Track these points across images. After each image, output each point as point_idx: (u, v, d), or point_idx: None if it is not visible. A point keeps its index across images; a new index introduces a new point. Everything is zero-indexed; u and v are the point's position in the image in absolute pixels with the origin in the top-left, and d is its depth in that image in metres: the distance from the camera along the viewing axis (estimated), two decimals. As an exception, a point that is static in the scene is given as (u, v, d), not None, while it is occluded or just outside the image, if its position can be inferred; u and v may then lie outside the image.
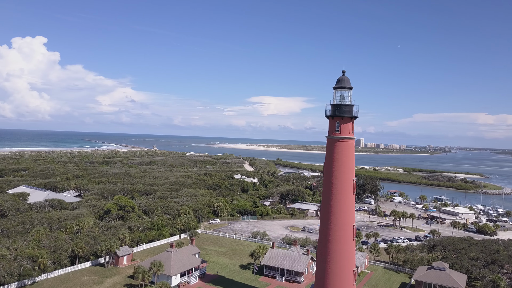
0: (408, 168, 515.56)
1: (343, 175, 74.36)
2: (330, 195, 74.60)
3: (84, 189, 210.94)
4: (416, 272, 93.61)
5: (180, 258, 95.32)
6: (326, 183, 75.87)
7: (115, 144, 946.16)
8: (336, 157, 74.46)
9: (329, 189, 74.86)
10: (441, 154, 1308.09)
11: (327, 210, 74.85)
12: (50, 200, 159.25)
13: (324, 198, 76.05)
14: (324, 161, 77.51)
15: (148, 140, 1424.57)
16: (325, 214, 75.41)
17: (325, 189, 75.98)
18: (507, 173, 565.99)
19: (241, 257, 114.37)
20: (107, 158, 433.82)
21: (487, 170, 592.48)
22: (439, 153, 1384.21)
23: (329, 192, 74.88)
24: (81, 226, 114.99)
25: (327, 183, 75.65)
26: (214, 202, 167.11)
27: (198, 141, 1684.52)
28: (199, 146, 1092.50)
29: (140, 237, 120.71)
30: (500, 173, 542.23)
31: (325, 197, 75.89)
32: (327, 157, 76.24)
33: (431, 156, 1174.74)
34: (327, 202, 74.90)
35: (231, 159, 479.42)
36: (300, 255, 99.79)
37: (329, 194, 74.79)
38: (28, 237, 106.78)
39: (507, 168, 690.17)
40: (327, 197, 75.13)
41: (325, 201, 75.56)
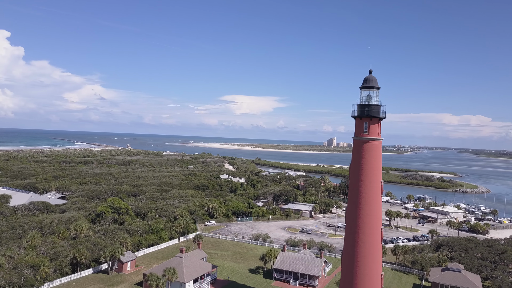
0: (385, 168, 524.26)
1: (372, 177, 72.48)
2: (358, 198, 72.58)
3: (66, 190, 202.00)
4: (431, 274, 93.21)
5: (191, 263, 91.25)
6: (354, 185, 73.75)
7: (86, 143, 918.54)
8: (364, 159, 72.44)
9: (357, 192, 72.82)
10: (411, 154, 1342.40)
11: (354, 213, 72.82)
12: (35, 202, 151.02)
13: (351, 201, 73.94)
14: (350, 163, 75.57)
15: (120, 139, 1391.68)
16: (352, 217, 73.36)
17: (352, 192, 73.87)
18: (477, 172, 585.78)
19: (247, 261, 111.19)
20: (82, 158, 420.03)
21: (459, 169, 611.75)
22: (409, 153, 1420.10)
23: (357, 194, 72.84)
24: (79, 230, 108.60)
25: (354, 186, 73.54)
26: (208, 203, 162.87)
27: (170, 140, 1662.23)
28: (172, 145, 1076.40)
29: (140, 241, 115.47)
30: (471, 172, 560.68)
31: (352, 200, 73.78)
32: (354, 159, 74.19)
33: (402, 155, 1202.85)
34: (355, 205, 72.85)
35: (210, 159, 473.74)
36: (313, 258, 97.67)
37: (357, 197, 72.77)
38: (23, 244, 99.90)
39: (476, 167, 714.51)
40: (354, 200, 73.06)
41: (352, 204, 73.48)
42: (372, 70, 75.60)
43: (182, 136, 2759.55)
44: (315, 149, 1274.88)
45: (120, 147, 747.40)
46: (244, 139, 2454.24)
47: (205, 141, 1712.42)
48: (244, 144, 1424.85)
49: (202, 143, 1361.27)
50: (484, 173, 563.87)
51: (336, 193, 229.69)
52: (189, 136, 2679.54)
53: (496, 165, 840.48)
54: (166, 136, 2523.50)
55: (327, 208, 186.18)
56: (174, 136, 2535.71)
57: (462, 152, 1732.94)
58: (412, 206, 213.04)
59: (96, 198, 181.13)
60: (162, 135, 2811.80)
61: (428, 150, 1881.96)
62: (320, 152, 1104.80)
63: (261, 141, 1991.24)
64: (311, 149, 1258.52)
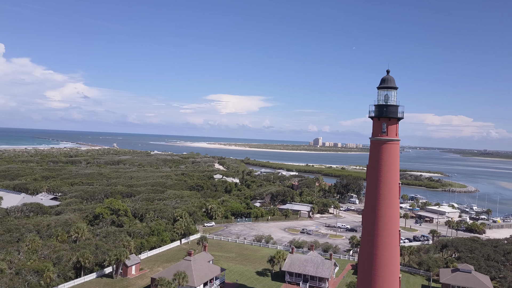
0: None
1: (390, 179, 71.48)
2: (376, 199, 71.51)
3: (58, 191, 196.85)
4: (441, 275, 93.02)
5: (200, 267, 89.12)
6: (371, 187, 72.67)
7: (71, 142, 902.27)
8: (382, 160, 71.39)
9: (375, 194, 71.74)
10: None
11: (372, 215, 71.72)
12: (28, 204, 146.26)
13: (369, 202, 72.92)
14: (368, 164, 74.54)
15: (105, 138, 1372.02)
16: (370, 219, 72.27)
17: (370, 194, 72.83)
18: (463, 171, 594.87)
19: (253, 263, 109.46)
20: (69, 157, 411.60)
21: (445, 168, 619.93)
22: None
23: (374, 196, 71.77)
24: (80, 233, 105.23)
25: (372, 187, 72.46)
26: (207, 204, 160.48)
27: (155, 139, 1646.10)
28: (158, 145, 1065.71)
29: (143, 243, 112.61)
30: (457, 172, 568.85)
31: (369, 201, 72.76)
32: (372, 160, 73.11)
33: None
34: (373, 207, 71.78)
35: (200, 159, 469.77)
36: (322, 260, 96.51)
37: (374, 199, 71.72)
38: (22, 247, 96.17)
39: (461, 166, 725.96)
40: (372, 202, 72.01)
41: (370, 206, 72.42)
42: (389, 70, 74.59)
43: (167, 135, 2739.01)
44: (302, 148, 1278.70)
45: (107, 146, 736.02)
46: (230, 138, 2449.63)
47: (191, 140, 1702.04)
48: (231, 143, 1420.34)
49: (189, 143, 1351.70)
50: (469, 173, 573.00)
51: (331, 193, 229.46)
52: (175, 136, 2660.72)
53: (480, 164, 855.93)
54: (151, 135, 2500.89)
55: (324, 209, 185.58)
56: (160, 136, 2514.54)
57: (445, 152, 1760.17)
58: (408, 206, 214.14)
59: (90, 199, 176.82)
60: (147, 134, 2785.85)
61: (412, 149, 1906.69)
62: (307, 152, 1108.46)
63: (247, 141, 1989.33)
64: (298, 148, 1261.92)
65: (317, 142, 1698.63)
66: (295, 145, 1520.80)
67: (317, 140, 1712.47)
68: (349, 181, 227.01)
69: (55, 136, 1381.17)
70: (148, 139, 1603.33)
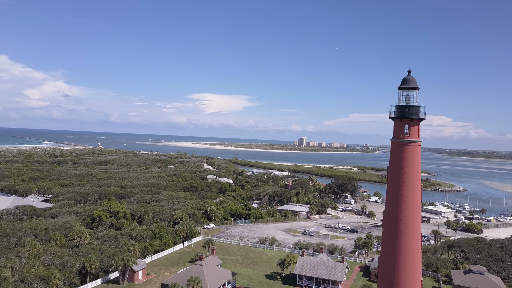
0: (361, 167, 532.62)
1: (412, 181, 70.23)
2: (398, 202, 70.15)
3: (48, 192, 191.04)
4: (453, 277, 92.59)
5: (212, 271, 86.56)
6: (393, 189, 71.30)
7: (54, 142, 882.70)
8: (405, 162, 70.07)
9: (397, 196, 70.37)
10: (380, 153, 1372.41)
11: (394, 218, 70.39)
12: (21, 206, 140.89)
13: (390, 205, 71.53)
14: (388, 166, 73.18)
15: (88, 138, 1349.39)
16: (391, 222, 70.93)
17: (391, 196, 71.43)
18: (447, 171, 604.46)
19: (260, 266, 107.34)
20: (54, 157, 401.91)
21: (430, 168, 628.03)
22: (378, 152, 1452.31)
23: (396, 199, 70.40)
24: (83, 237, 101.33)
25: (394, 190, 71.11)
26: (206, 205, 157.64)
27: (139, 139, 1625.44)
28: (143, 144, 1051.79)
29: (146, 247, 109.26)
30: (442, 171, 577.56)
31: (391, 204, 71.38)
32: (393, 162, 71.65)
33: (372, 154, 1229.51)
34: (395, 209, 70.45)
35: (189, 159, 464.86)
36: (335, 262, 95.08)
37: (397, 201, 70.36)
38: (23, 253, 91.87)
39: (444, 166, 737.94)
40: (394, 205, 70.64)
41: (392, 209, 71.09)
42: (411, 70, 73.30)
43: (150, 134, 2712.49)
44: (287, 148, 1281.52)
45: (91, 146, 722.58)
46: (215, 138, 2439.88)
47: (176, 140, 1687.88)
48: (217, 143, 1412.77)
49: (174, 142, 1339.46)
50: (454, 172, 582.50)
51: (327, 193, 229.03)
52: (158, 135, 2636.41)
53: (462, 164, 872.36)
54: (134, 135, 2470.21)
55: (322, 209, 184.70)
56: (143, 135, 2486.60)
57: (427, 151, 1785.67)
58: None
59: (82, 200, 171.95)
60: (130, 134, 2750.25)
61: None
62: (293, 151, 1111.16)
63: (232, 140, 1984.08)
64: (284, 148, 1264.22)
65: (301, 141, 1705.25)
66: (280, 145, 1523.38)
67: (302, 139, 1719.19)
68: (344, 181, 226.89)
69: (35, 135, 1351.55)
70: (131, 139, 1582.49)
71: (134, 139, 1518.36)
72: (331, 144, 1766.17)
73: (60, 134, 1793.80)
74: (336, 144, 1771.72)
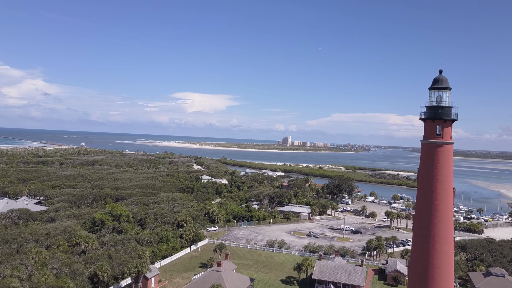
0: (349, 166, 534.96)
1: (445, 184, 68.56)
2: (431, 205, 68.36)
3: (40, 194, 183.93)
4: (474, 280, 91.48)
5: (231, 278, 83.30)
6: (425, 192, 69.35)
7: (35, 141, 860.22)
8: (438, 164, 68.39)
9: (430, 199, 68.43)
10: (363, 152, 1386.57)
11: (427, 222, 68.51)
12: (16, 210, 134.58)
13: (422, 208, 69.56)
14: (419, 168, 71.31)
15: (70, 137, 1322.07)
16: (424, 226, 68.93)
17: (423, 199, 69.46)
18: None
19: (273, 270, 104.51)
20: (39, 157, 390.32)
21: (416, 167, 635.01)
22: (361, 151, 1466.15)
23: (429, 202, 68.46)
24: (90, 243, 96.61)
25: (426, 193, 69.15)
26: (208, 207, 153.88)
27: (122, 138, 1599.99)
28: (127, 144, 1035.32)
29: (155, 252, 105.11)
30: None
31: (423, 207, 69.43)
32: (425, 164, 69.81)
33: (356, 154, 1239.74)
34: (427, 213, 68.47)
35: (178, 159, 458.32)
36: (353, 266, 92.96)
37: (430, 204, 68.36)
38: (28, 260, 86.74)
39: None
40: (427, 208, 68.66)
41: (424, 212, 69.09)
42: (442, 70, 71.52)
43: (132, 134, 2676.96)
44: (272, 147, 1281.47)
45: (74, 145, 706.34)
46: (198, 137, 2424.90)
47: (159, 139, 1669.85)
48: (202, 143, 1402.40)
49: (158, 142, 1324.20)
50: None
51: (324, 194, 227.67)
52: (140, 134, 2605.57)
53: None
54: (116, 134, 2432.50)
55: (323, 210, 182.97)
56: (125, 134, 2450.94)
57: (408, 151, 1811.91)
58: (403, 206, 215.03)
59: (78, 203, 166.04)
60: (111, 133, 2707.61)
61: (377, 148, 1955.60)
62: (279, 151, 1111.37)
63: (216, 140, 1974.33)
64: (269, 147, 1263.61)
65: (286, 141, 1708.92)
66: (265, 144, 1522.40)
67: (286, 139, 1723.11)
68: (341, 182, 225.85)
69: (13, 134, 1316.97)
70: (114, 138, 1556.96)
71: (117, 139, 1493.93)
72: (315, 143, 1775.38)
73: (40, 133, 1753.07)
74: (320, 143, 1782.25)
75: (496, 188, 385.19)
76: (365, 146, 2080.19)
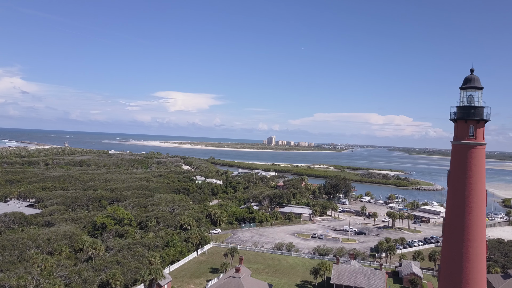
0: (338, 166, 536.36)
1: (478, 186, 66.86)
2: (463, 208, 66.51)
3: (30, 197, 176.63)
4: (493, 282, 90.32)
5: (250, 284, 79.97)
6: (457, 194, 67.37)
7: (16, 141, 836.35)
8: (471, 166, 66.48)
9: (462, 202, 66.69)
10: (348, 152, 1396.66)
11: (459, 225, 66.56)
12: (10, 214, 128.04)
13: (454, 211, 67.58)
14: (450, 170, 69.36)
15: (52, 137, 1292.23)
16: (457, 230, 67.01)
17: (456, 202, 67.50)
18: (418, 169, 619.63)
19: (286, 274, 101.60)
20: (22, 158, 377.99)
21: (402, 167, 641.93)
22: (345, 151, 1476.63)
23: (462, 205, 66.72)
24: (98, 249, 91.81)
25: (458, 195, 67.08)
26: (210, 209, 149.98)
27: (104, 138, 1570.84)
28: (110, 143, 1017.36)
29: (163, 257, 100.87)
30: (413, 170, 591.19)
31: (455, 210, 67.42)
32: (456, 166, 67.71)
33: (341, 153, 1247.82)
34: (460, 216, 66.59)
35: (166, 159, 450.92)
36: (372, 270, 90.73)
37: (462, 207, 66.52)
38: (33, 268, 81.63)
39: (412, 164, 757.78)
40: (459, 211, 66.82)
41: (456, 215, 67.18)
42: (474, 69, 69.84)
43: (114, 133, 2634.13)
44: (257, 147, 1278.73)
45: (57, 145, 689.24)
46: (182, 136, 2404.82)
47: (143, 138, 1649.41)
48: (186, 142, 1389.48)
49: (142, 141, 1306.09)
50: (425, 170, 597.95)
51: (321, 194, 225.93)
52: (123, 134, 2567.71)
53: (427, 162, 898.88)
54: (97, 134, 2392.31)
55: (323, 211, 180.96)
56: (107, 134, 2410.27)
57: (391, 150, 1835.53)
58: (401, 206, 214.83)
59: (73, 206, 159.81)
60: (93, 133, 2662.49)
61: (360, 148, 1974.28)
62: (264, 150, 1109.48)
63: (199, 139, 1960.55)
64: (254, 147, 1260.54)
65: (270, 140, 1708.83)
66: (250, 144, 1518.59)
67: (271, 138, 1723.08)
68: (338, 182, 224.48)
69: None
70: (96, 138, 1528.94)
71: (99, 138, 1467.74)
72: (299, 143, 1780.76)
73: (18, 132, 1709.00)
74: (305, 143, 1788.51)
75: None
76: (348, 145, 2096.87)
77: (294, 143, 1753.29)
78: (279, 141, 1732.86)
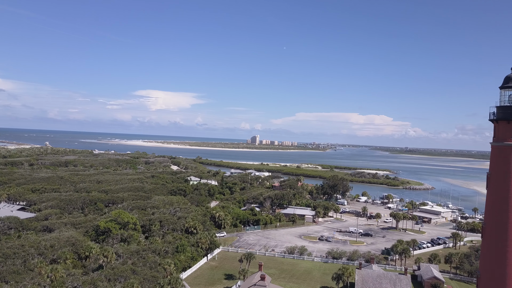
0: (325, 165, 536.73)
1: (521, 188, 64.83)
2: (507, 211, 64.46)
3: (20, 199, 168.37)
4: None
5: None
6: (499, 197, 65.16)
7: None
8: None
9: (506, 204, 64.46)
10: (331, 151, 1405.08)
11: (502, 228, 64.22)
12: (5, 218, 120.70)
13: (495, 214, 65.26)
14: (490, 172, 66.89)
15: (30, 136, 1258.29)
16: (499, 233, 64.78)
17: (498, 205, 65.29)
18: (403, 168, 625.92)
19: (304, 280, 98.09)
20: (4, 158, 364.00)
21: (389, 166, 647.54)
22: (328, 150, 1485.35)
23: (505, 207, 64.56)
24: (109, 257, 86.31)
25: (501, 198, 65.02)
26: (214, 211, 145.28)
27: (84, 137, 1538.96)
28: (92, 143, 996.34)
29: (176, 264, 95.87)
30: (399, 169, 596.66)
31: (496, 213, 65.16)
32: (499, 167, 65.11)
33: (324, 152, 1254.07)
34: (503, 219, 64.33)
35: (154, 159, 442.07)
36: (397, 275, 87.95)
37: (505, 210, 64.49)
38: (42, 280, 75.93)
39: (396, 163, 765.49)
40: (502, 214, 64.52)
41: (498, 218, 64.88)
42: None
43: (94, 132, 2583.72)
44: (242, 146, 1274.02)
45: (37, 145, 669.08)
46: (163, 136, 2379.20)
47: (125, 138, 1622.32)
48: (169, 141, 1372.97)
49: (124, 141, 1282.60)
50: (411, 170, 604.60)
51: (318, 194, 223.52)
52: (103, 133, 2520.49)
53: (410, 161, 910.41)
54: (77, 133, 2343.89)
55: (325, 212, 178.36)
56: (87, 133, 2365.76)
57: (373, 150, 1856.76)
58: (400, 206, 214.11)
59: (68, 209, 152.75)
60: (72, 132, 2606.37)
61: (343, 147, 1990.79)
62: (248, 150, 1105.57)
63: (181, 138, 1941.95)
64: (238, 146, 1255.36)
65: (254, 140, 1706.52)
66: (235, 143, 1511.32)
67: (255, 138, 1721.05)
68: (336, 182, 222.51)
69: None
70: (76, 137, 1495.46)
71: (80, 138, 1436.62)
72: (283, 142, 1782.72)
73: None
74: (288, 142, 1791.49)
75: (470, 186, 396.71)
76: (330, 144, 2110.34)
77: (278, 143, 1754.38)
78: (263, 141, 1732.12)
